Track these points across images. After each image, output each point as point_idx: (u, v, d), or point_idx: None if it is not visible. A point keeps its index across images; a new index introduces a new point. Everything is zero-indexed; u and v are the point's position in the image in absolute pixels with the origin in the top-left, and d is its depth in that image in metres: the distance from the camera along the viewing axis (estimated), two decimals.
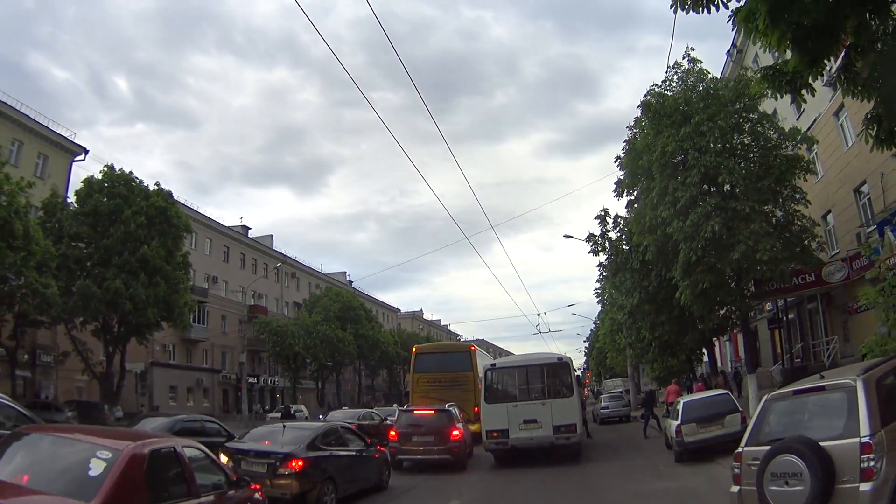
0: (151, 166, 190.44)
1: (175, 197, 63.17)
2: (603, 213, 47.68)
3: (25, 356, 60.03)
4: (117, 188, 57.06)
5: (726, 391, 33.03)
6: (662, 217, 34.85)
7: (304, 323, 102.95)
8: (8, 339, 52.57)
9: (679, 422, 29.04)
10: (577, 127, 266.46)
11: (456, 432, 30.94)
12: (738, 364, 64.85)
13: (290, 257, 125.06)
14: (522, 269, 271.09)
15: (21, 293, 47.36)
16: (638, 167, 38.18)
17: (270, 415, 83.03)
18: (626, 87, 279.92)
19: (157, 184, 60.52)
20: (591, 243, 47.90)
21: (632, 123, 41.91)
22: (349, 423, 37.46)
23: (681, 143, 34.38)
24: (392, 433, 31.62)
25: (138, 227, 55.09)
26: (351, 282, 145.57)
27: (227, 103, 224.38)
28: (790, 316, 54.13)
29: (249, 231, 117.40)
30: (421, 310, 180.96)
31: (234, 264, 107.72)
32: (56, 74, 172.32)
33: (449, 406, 33.78)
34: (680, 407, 29.84)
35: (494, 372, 33.82)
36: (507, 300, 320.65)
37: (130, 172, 57.66)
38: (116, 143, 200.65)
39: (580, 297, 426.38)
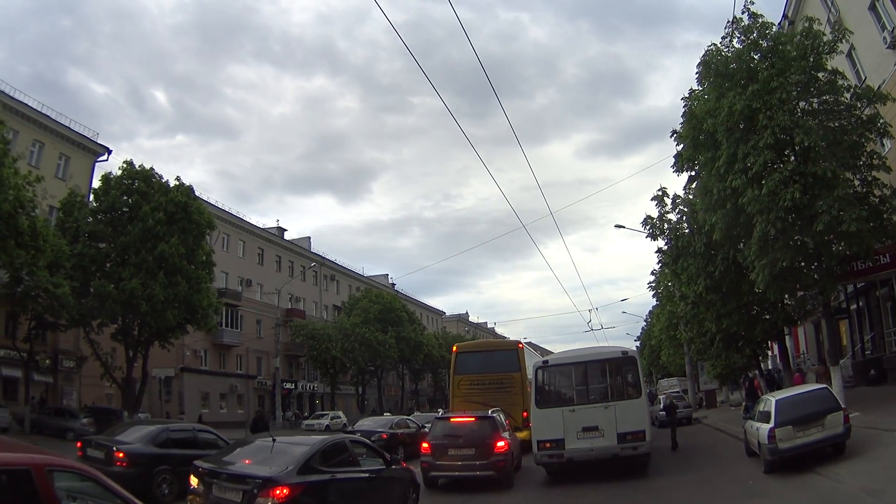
0: (193, 176, 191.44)
1: (208, 199, 62.82)
2: (660, 193, 43.82)
3: (47, 361, 59.53)
4: (136, 184, 54.69)
5: (824, 385, 27.11)
6: (733, 187, 31.22)
7: (342, 326, 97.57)
8: (22, 343, 51.69)
9: (772, 424, 22.99)
10: (618, 126, 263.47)
11: (501, 443, 25.79)
12: (798, 360, 60.64)
13: (328, 259, 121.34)
14: (568, 272, 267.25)
15: (32, 293, 46.10)
16: (700, 134, 34.65)
17: (306, 422, 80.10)
18: (665, 85, 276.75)
19: (178, 178, 57.80)
20: (647, 227, 44.17)
21: (687, 95, 37.95)
22: (379, 431, 35.50)
23: (749, 102, 30.81)
24: (425, 445, 26.32)
25: (157, 224, 52.21)
26: (393, 284, 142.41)
27: (267, 112, 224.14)
28: (859, 304, 48.89)
29: (286, 233, 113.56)
30: (466, 312, 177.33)
31: (270, 267, 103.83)
32: (95, 89, 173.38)
33: (493, 412, 28.47)
34: (772, 406, 23.52)
35: (547, 370, 28.34)
36: (553, 302, 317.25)
37: (151, 168, 55.24)
38: (157, 155, 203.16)
39: (627, 297, 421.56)
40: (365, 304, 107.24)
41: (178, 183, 56.89)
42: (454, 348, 42.76)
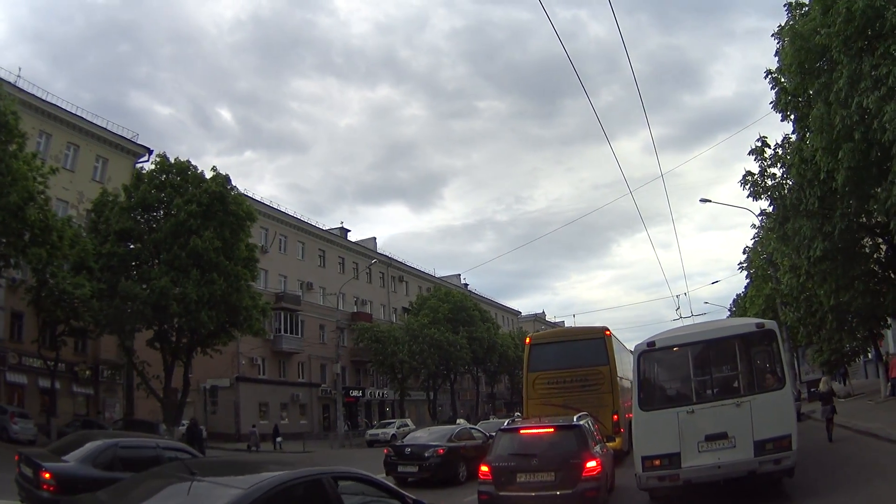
0: (263, 191, 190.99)
1: (261, 199, 62.10)
2: (760, 144, 37.00)
3: (87, 371, 57.65)
4: (170, 178, 51.62)
5: None
6: (863, 109, 25.82)
7: (410, 327, 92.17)
8: (48, 350, 48.51)
9: None
10: (684, 119, 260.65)
11: (592, 463, 17.81)
12: None
13: (395, 259, 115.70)
14: (642, 269, 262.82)
15: (55, 295, 43.89)
16: (809, 57, 30.16)
17: (370, 432, 75.08)
18: (728, 75, 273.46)
19: (214, 168, 53.24)
20: (748, 185, 37.76)
21: (777, 29, 33.87)
22: (434, 445, 29.24)
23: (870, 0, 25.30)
24: (484, 469, 18.30)
25: (189, 217, 48.48)
26: (466, 284, 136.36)
27: (334, 124, 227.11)
28: None
29: (349, 234, 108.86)
30: (543, 312, 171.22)
31: (332, 269, 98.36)
32: (159, 111, 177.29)
33: (580, 418, 20.40)
34: None
35: (653, 356, 20.23)
36: (630, 300, 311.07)
37: (187, 161, 51.31)
38: (226, 171, 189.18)
39: (703, 293, 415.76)
40: (433, 303, 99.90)
41: (213, 172, 52.51)
42: (527, 339, 34.45)
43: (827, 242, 32.30)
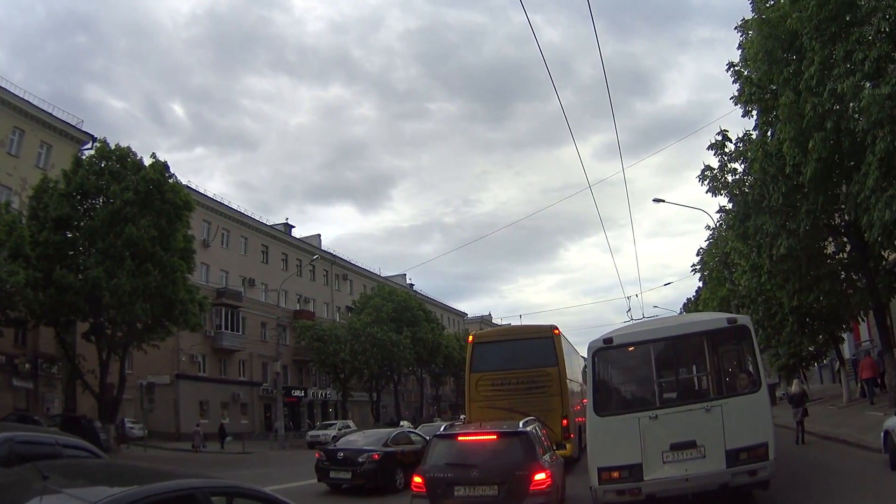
0: (213, 188, 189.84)
1: (204, 191, 59.62)
2: (721, 139, 35.77)
3: (27, 365, 55.00)
4: (109, 164, 49.67)
5: None
6: (839, 95, 24.81)
7: (352, 326, 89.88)
8: None
9: None
10: (635, 126, 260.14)
11: (541, 475, 15.54)
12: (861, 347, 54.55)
13: (339, 257, 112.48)
14: (590, 274, 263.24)
15: None
16: (779, 40, 29.00)
17: (311, 433, 72.50)
18: (681, 83, 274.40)
19: (153, 155, 51.50)
20: (706, 180, 36.43)
21: (742, 20, 33.04)
22: (369, 450, 26.77)
23: None
24: (417, 479, 15.95)
25: (126, 205, 46.31)
26: (412, 284, 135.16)
27: (285, 122, 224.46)
28: None
29: (293, 230, 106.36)
30: (489, 314, 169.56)
31: (275, 266, 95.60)
32: (113, 104, 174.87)
33: (526, 424, 17.81)
34: None
35: (611, 354, 17.85)
36: (578, 306, 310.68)
37: (128, 147, 49.46)
38: (177, 168, 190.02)
39: (651, 298, 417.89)
40: (377, 302, 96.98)
41: (152, 160, 50.47)
42: (470, 337, 31.83)
43: (792, 240, 30.82)
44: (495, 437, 16.81)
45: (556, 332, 30.23)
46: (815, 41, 25.93)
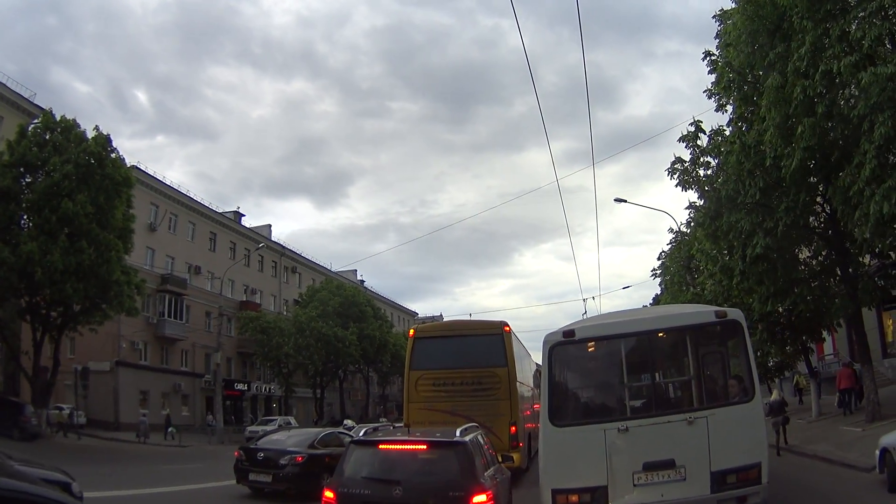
0: (172, 177, 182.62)
1: (154, 173, 59.23)
2: (694, 129, 33.43)
3: None
4: (54, 136, 47.58)
5: None
6: (833, 75, 23.47)
7: (297, 319, 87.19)
8: None
9: None
10: (596, 135, 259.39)
11: (480, 497, 12.44)
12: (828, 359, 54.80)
13: (289, 249, 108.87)
14: (543, 280, 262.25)
15: None
16: (765, 20, 27.35)
17: (249, 428, 70.31)
18: (645, 94, 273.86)
19: (97, 128, 49.09)
20: (676, 175, 34.16)
21: (720, 10, 32.96)
22: (293, 452, 23.87)
23: None
24: (328, 493, 12.88)
25: (64, 178, 44.67)
26: (363, 281, 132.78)
27: (246, 114, 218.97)
28: None
29: (243, 219, 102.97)
30: (441, 315, 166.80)
31: (223, 254, 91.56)
32: (78, 88, 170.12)
33: (465, 432, 14.33)
34: None
35: (571, 351, 14.88)
36: (529, 310, 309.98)
37: (73, 120, 47.53)
38: (138, 155, 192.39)
39: (605, 305, 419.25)
40: (324, 295, 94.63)
41: (95, 132, 48.20)
42: (411, 331, 29.21)
43: (769, 239, 28.53)
44: (426, 446, 13.65)
45: (507, 329, 27.31)
46: (806, 20, 24.35)
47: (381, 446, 13.91)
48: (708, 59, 32.68)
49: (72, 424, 52.90)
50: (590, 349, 15.28)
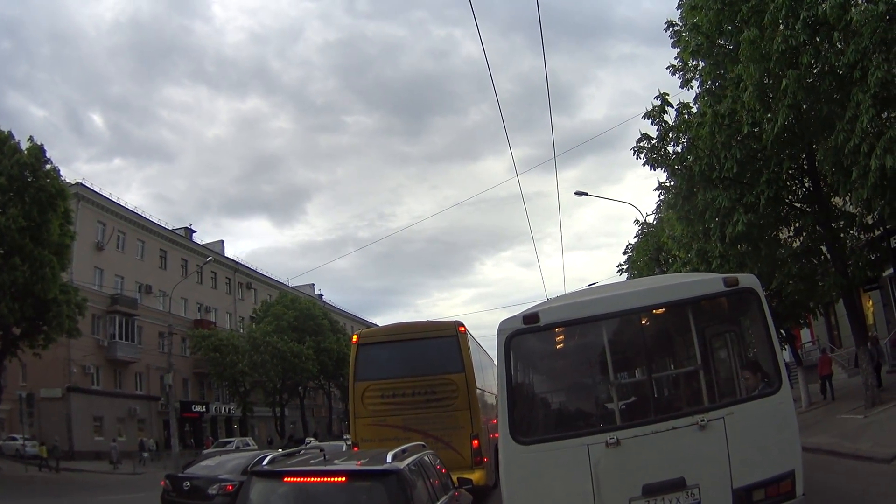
0: (131, 200, 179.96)
1: (99, 190, 56.75)
2: (661, 103, 31.09)
3: None
4: None
5: None
6: (817, 20, 21.38)
7: (251, 335, 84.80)
8: None
9: None
10: (552, 141, 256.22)
11: None
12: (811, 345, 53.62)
13: (243, 265, 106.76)
14: (505, 288, 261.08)
15: None
16: None
17: (206, 451, 64.17)
18: (600, 98, 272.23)
19: (31, 138, 46.40)
20: (643, 153, 31.45)
21: None
22: (225, 480, 20.75)
23: None
24: None
25: None
26: (321, 295, 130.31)
27: (202, 134, 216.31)
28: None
29: (194, 235, 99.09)
30: None
31: (174, 272, 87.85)
32: (34, 112, 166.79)
33: (399, 455, 10.49)
34: None
35: (536, 343, 11.63)
36: (492, 318, 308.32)
37: (9, 132, 45.45)
38: (95, 179, 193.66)
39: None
40: (278, 309, 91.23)
41: (30, 143, 45.56)
42: (354, 337, 25.47)
43: (750, 215, 26.26)
44: (344, 478, 10.16)
45: (462, 329, 23.81)
46: None
47: (287, 479, 10.38)
48: (671, 29, 30.57)
49: (55, 457, 51.28)
50: (560, 338, 11.90)
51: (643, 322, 11.17)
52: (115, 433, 69.23)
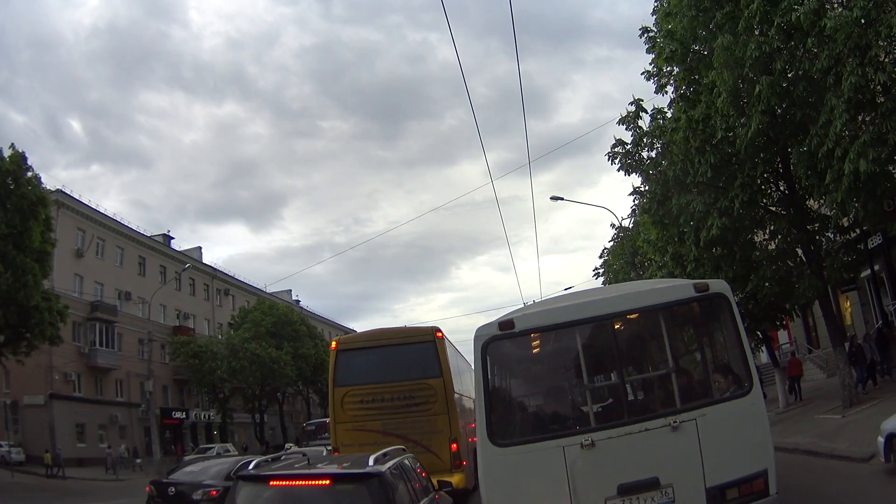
0: (109, 207, 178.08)
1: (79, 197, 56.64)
2: (635, 109, 31.86)
3: None
4: None
5: None
6: (792, 26, 21.71)
7: (230, 342, 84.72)
8: None
9: None
10: (529, 144, 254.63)
11: None
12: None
13: (221, 271, 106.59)
14: (481, 292, 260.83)
15: None
16: None
17: (187, 458, 64.06)
18: (575, 102, 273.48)
19: (13, 145, 46.23)
20: (617, 159, 31.97)
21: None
22: (209, 485, 20.88)
23: None
24: None
25: None
26: (298, 300, 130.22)
27: (179, 140, 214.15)
28: (874, 268, 38.66)
29: (173, 242, 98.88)
30: None
31: (153, 279, 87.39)
32: (14, 118, 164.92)
33: (381, 459, 10.72)
34: None
35: (511, 348, 12.10)
36: (468, 322, 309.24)
37: None
38: (74, 186, 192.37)
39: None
40: (256, 316, 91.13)
41: (11, 150, 45.55)
42: (333, 343, 26.00)
43: (725, 219, 26.52)
44: (328, 482, 10.43)
45: (439, 334, 24.30)
46: None
47: (273, 482, 10.65)
48: (645, 35, 30.39)
49: (58, 465, 52.44)
50: (536, 343, 12.26)
51: (617, 327, 11.46)
52: (96, 440, 69.50)
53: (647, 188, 33.06)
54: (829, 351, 35.70)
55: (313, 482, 10.43)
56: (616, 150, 31.03)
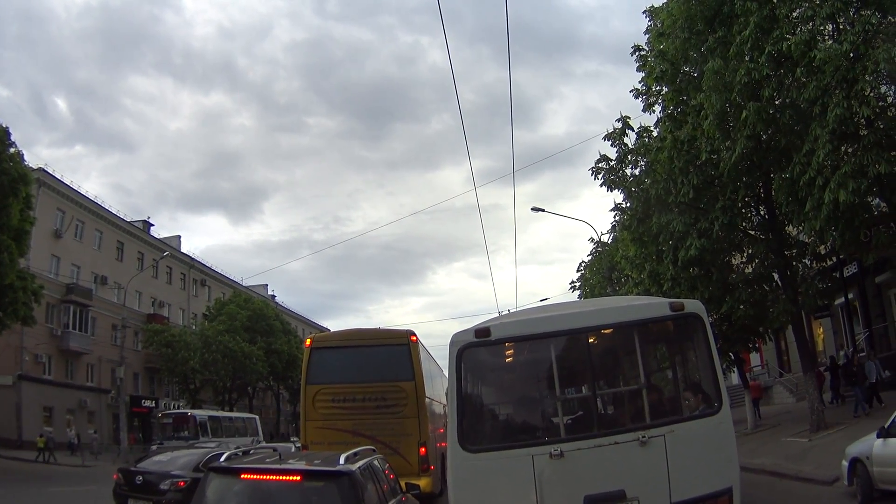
0: (90, 188, 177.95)
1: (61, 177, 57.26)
2: (622, 126, 32.45)
3: None
4: None
5: None
6: (782, 55, 22.36)
7: (204, 333, 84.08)
8: None
9: None
10: (511, 153, 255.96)
11: None
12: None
13: (198, 261, 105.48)
14: (456, 298, 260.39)
15: None
16: (704, 3, 25.83)
17: (153, 447, 63.71)
18: (562, 114, 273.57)
19: None
20: (601, 174, 32.85)
21: (650, 7, 31.78)
22: (177, 476, 20.86)
23: None
24: None
25: None
26: (273, 295, 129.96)
27: (164, 126, 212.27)
28: (848, 296, 39.97)
29: (153, 229, 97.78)
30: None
31: (130, 265, 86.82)
32: None
33: (351, 458, 11.09)
34: None
35: (486, 356, 12.13)
36: (442, 328, 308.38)
37: None
38: (56, 165, 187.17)
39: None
40: (232, 309, 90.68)
41: None
42: (308, 340, 26.08)
43: (703, 240, 26.87)
44: (298, 477, 10.67)
45: (413, 338, 24.57)
46: (751, 1, 22.90)
47: (244, 476, 10.86)
48: (637, 54, 31.12)
49: (49, 448, 52.77)
50: (510, 352, 12.42)
51: (591, 341, 11.59)
52: (64, 425, 68.58)
53: (628, 205, 33.26)
54: (800, 375, 35.89)
55: (284, 477, 10.64)
56: (600, 165, 31.39)
